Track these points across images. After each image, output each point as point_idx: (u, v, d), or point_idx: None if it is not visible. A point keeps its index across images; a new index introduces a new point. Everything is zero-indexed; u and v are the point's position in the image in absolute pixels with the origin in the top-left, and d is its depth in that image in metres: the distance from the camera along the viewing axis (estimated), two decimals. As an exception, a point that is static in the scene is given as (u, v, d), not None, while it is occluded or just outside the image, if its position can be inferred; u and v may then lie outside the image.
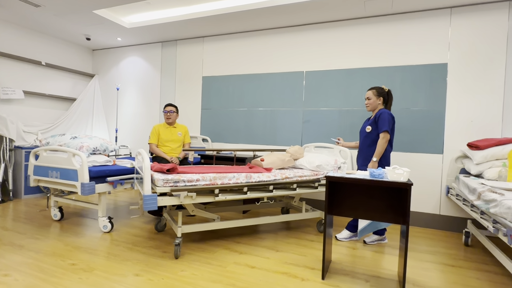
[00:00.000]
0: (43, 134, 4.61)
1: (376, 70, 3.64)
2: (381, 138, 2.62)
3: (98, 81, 5.50)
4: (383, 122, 2.62)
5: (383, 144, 2.62)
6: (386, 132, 2.60)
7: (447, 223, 3.35)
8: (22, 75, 4.54)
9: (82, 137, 3.24)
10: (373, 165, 2.62)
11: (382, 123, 2.62)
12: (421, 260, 2.53)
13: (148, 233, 2.96)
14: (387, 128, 2.60)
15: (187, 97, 4.78)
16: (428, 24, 3.41)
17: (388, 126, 2.60)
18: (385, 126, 2.60)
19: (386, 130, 2.60)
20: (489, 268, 2.40)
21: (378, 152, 2.63)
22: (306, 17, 3.78)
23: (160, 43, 4.97)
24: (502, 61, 3.13)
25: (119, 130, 5.30)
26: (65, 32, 4.66)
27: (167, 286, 1.96)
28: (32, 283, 1.95)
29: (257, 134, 4.29)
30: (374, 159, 2.63)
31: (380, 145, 2.62)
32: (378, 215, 2.15)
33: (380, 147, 2.62)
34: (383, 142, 2.62)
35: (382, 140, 2.62)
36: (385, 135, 2.61)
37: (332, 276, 2.17)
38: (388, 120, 2.61)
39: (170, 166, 2.39)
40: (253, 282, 2.05)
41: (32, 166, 3.02)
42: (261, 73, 4.27)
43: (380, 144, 2.62)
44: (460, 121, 3.29)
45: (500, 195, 1.94)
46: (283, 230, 3.17)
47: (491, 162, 2.74)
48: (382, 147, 2.62)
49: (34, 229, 2.95)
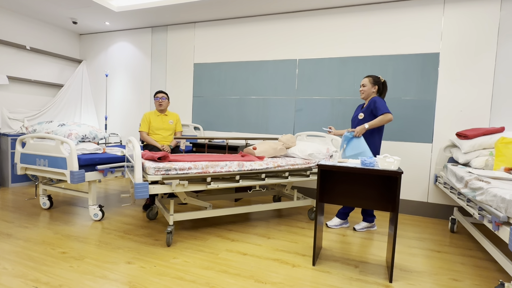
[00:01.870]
0: (29, 121, 4.49)
1: (368, 59, 3.63)
2: (383, 116, 2.59)
3: (86, 67, 5.35)
4: (381, 107, 2.62)
5: (382, 119, 2.59)
6: (387, 113, 2.59)
7: (434, 211, 3.44)
8: (6, 59, 4.38)
9: (70, 125, 3.16)
10: (361, 129, 2.58)
11: (380, 108, 2.62)
12: (408, 246, 2.60)
13: (140, 221, 2.96)
14: (387, 110, 2.59)
15: (179, 84, 4.70)
16: (421, 13, 3.40)
17: (387, 109, 2.60)
18: (385, 109, 2.60)
19: (387, 111, 2.59)
20: (473, 253, 2.48)
21: (373, 123, 2.60)
22: (300, 4, 3.72)
23: (150, 28, 4.84)
24: (492, 52, 3.15)
25: (109, 117, 5.20)
26: (50, 15, 4.48)
27: (159, 273, 1.97)
28: (22, 272, 1.93)
29: (250, 123, 4.27)
30: (366, 126, 2.59)
31: (379, 119, 2.60)
32: (368, 202, 2.18)
33: (377, 120, 2.60)
34: (383, 118, 2.59)
35: (384, 117, 2.58)
36: (387, 115, 2.59)
37: (323, 262, 2.21)
38: (384, 104, 2.63)
39: (161, 154, 2.36)
40: (245, 268, 2.08)
41: (18, 154, 2.95)
42: (253, 61, 4.22)
43: (379, 118, 2.60)
44: (450, 110, 3.33)
45: (486, 183, 1.99)
46: (274, 218, 3.20)
47: (478, 151, 2.80)
48: (380, 121, 2.60)
49: (22, 218, 2.91)
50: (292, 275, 2.01)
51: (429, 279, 2.04)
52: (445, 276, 2.09)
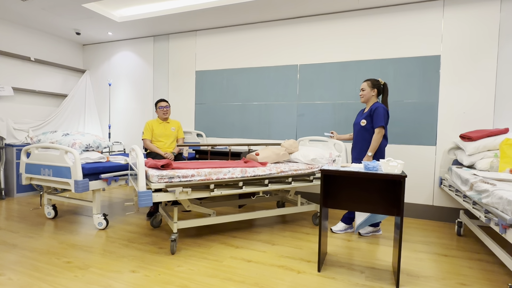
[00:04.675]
0: (34, 131, 4.54)
1: (369, 62, 3.64)
2: (376, 133, 2.65)
3: (90, 76, 5.41)
4: (378, 117, 2.64)
5: (378, 139, 2.65)
6: (382, 127, 2.64)
7: (440, 214, 3.40)
8: (11, 71, 4.44)
9: (74, 134, 3.20)
10: (368, 160, 2.64)
11: (378, 118, 2.64)
12: (414, 250, 2.57)
13: (144, 229, 2.95)
14: (382, 124, 2.63)
15: (181, 92, 4.73)
16: (421, 16, 3.41)
17: (383, 121, 2.63)
18: (381, 122, 2.63)
19: (382, 125, 2.63)
20: (481, 257, 2.45)
21: (373, 147, 2.65)
22: (299, 10, 3.75)
23: (152, 37, 4.90)
24: (494, 53, 3.15)
25: (112, 126, 5.24)
26: (54, 26, 4.56)
27: (163, 282, 1.96)
28: (27, 282, 1.93)
29: (252, 129, 4.28)
30: (369, 153, 2.65)
31: (375, 140, 2.65)
32: (372, 207, 2.17)
33: (375, 142, 2.65)
34: (378, 137, 2.64)
35: (378, 135, 2.64)
36: (381, 130, 2.64)
37: (328, 268, 2.19)
38: (383, 115, 2.64)
39: (164, 162, 2.37)
40: (250, 276, 2.06)
41: (23, 164, 2.97)
42: (255, 67, 4.25)
43: (375, 139, 2.65)
44: (453, 112, 3.32)
45: (492, 185, 1.97)
46: (278, 224, 3.19)
47: (483, 153, 2.77)
48: (377, 142, 2.65)
49: (27, 228, 2.92)
50: (298, 281, 1.99)
51: (437, 283, 2.01)
52: (452, 280, 2.06)
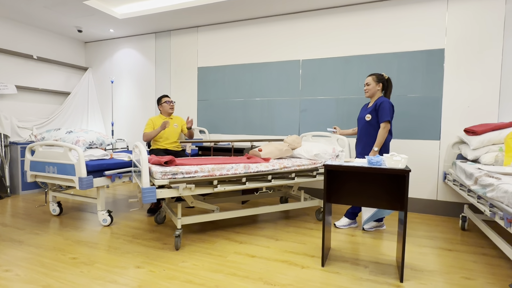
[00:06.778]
0: (38, 129, 4.57)
1: (373, 57, 3.61)
2: (382, 128, 2.63)
3: (92, 74, 5.42)
4: (384, 112, 2.62)
5: (383, 134, 2.63)
6: (388, 122, 2.62)
7: (444, 208, 3.39)
8: (14, 69, 4.46)
9: (77, 131, 3.21)
10: (374, 155, 2.63)
11: (384, 113, 2.63)
12: (419, 245, 2.56)
13: (148, 225, 2.97)
14: (388, 118, 2.61)
15: (183, 89, 4.73)
16: (425, 9, 3.37)
17: (389, 116, 2.62)
18: (387, 116, 2.61)
19: (388, 120, 2.61)
20: (486, 251, 2.44)
21: (378, 142, 2.64)
22: (301, 4, 3.72)
23: (153, 34, 4.89)
24: (499, 46, 3.11)
25: (115, 123, 5.25)
26: (56, 24, 4.56)
27: (168, 277, 1.98)
28: (34, 278, 1.95)
29: (255, 125, 4.27)
30: (375, 148, 2.64)
31: (381, 135, 2.63)
32: (376, 202, 2.16)
33: (381, 136, 2.63)
34: (384, 132, 2.63)
35: (383, 130, 2.63)
36: (386, 125, 2.62)
37: (332, 263, 2.20)
38: (389, 110, 2.63)
39: (168, 159, 2.38)
40: (254, 271, 2.07)
41: (28, 161, 2.99)
42: (257, 63, 4.23)
43: (381, 134, 2.64)
44: (457, 106, 3.29)
45: (497, 179, 1.96)
46: (282, 219, 3.19)
47: (487, 147, 2.75)
48: (383, 136, 2.63)
49: (33, 225, 2.95)
50: (301, 276, 2.00)
51: (441, 278, 2.01)
52: (457, 274, 2.05)
